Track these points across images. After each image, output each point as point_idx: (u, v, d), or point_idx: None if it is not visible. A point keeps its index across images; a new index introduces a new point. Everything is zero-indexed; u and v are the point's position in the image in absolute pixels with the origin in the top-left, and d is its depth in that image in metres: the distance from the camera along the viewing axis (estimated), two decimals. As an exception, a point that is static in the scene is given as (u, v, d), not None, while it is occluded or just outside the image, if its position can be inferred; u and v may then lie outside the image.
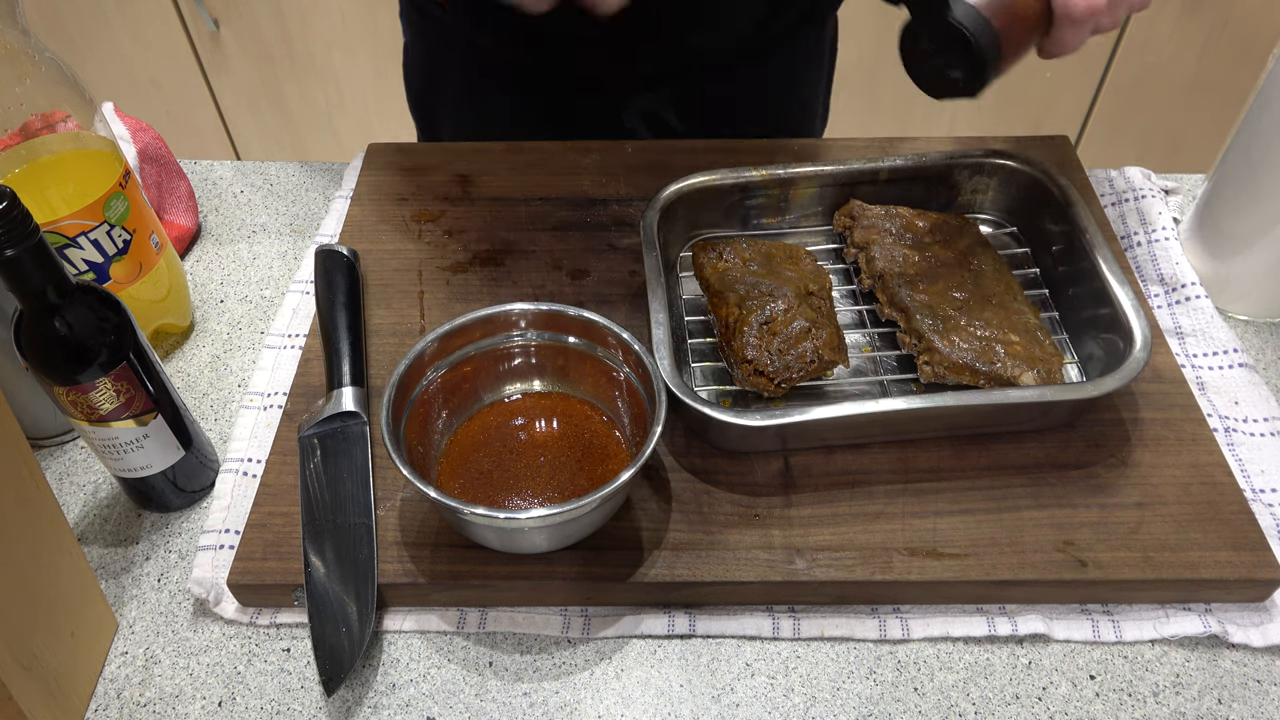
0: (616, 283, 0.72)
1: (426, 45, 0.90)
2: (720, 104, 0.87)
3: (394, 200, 0.79)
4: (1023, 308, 0.65)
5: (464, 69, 0.88)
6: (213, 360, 0.72)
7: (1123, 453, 0.60)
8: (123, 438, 0.56)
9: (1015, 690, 0.53)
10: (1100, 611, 0.56)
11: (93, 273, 0.65)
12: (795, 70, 0.91)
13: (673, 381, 0.57)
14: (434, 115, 0.95)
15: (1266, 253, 0.68)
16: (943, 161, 0.73)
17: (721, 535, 0.57)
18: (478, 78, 0.88)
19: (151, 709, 0.54)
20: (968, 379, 0.61)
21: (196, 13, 1.76)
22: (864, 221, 0.70)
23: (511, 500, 0.57)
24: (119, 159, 0.65)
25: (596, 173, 0.81)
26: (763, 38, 0.83)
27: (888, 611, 0.56)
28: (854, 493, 0.59)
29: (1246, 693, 0.53)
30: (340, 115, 1.92)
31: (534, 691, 0.54)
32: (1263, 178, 0.66)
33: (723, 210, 0.74)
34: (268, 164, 0.89)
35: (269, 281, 0.78)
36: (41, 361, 0.52)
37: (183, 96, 1.90)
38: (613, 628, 0.56)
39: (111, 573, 0.60)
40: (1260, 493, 0.60)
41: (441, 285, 0.73)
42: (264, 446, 0.64)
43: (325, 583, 0.55)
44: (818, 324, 0.62)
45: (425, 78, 0.93)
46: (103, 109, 0.69)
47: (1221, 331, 0.68)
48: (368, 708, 0.53)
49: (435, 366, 0.59)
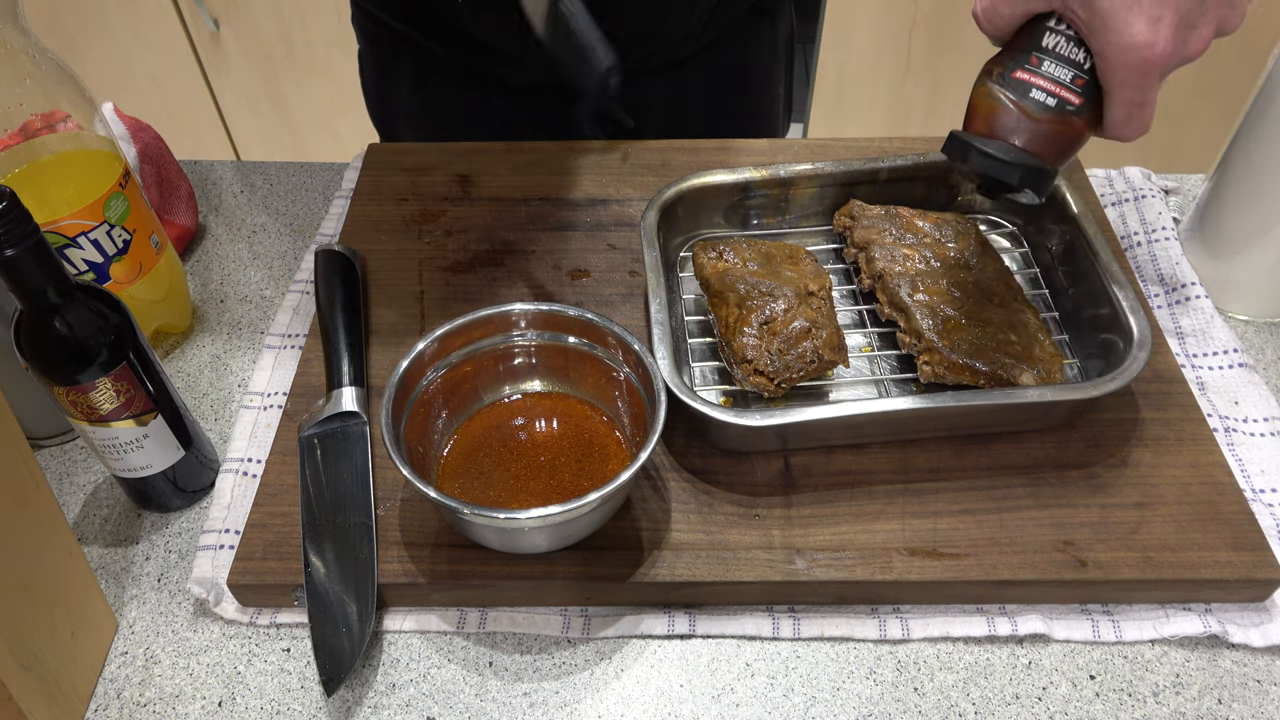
0: (616, 283, 0.72)
1: (379, 51, 0.91)
2: (672, 103, 0.87)
3: (394, 200, 0.79)
4: (1023, 308, 0.65)
5: (415, 74, 0.89)
6: (213, 360, 0.72)
7: (1123, 453, 0.60)
8: (123, 438, 0.56)
9: (1015, 690, 0.53)
10: (1100, 611, 0.56)
11: (93, 273, 0.65)
12: (748, 69, 0.91)
13: (673, 381, 0.57)
14: (392, 120, 0.95)
15: (1266, 253, 0.68)
16: (943, 161, 0.73)
17: (721, 535, 0.57)
18: (429, 82, 0.89)
19: (151, 709, 0.54)
20: (968, 379, 0.61)
21: (196, 13, 1.76)
22: (864, 221, 0.70)
23: (511, 500, 0.57)
24: (119, 159, 0.65)
25: (596, 173, 0.81)
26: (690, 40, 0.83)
27: (888, 611, 0.56)
28: (854, 493, 0.59)
29: (1246, 693, 0.53)
30: (340, 115, 1.92)
31: (534, 691, 0.54)
32: (1263, 178, 0.66)
33: (723, 210, 0.74)
34: (268, 164, 0.89)
35: (269, 281, 0.78)
36: (41, 361, 0.52)
37: (183, 96, 1.90)
38: (613, 628, 0.56)
39: (111, 573, 0.60)
40: (1260, 493, 0.60)
41: (441, 285, 0.73)
42: (264, 446, 0.64)
43: (325, 583, 0.55)
44: (818, 324, 0.62)
45: (379, 83, 0.94)
46: (103, 109, 0.68)
47: (1221, 331, 0.68)
48: (368, 708, 0.53)
49: (435, 366, 0.59)
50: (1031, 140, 0.51)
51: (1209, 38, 0.48)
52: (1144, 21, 0.46)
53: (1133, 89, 0.49)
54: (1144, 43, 0.47)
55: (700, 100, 0.89)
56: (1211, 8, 0.47)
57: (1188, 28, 0.47)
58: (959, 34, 1.71)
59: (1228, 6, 0.48)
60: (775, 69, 0.95)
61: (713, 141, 0.83)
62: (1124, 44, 0.47)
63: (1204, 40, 0.48)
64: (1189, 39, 0.47)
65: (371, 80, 0.95)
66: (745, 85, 0.92)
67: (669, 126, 0.87)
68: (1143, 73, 0.48)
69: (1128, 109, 0.50)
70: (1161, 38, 0.47)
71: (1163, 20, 0.46)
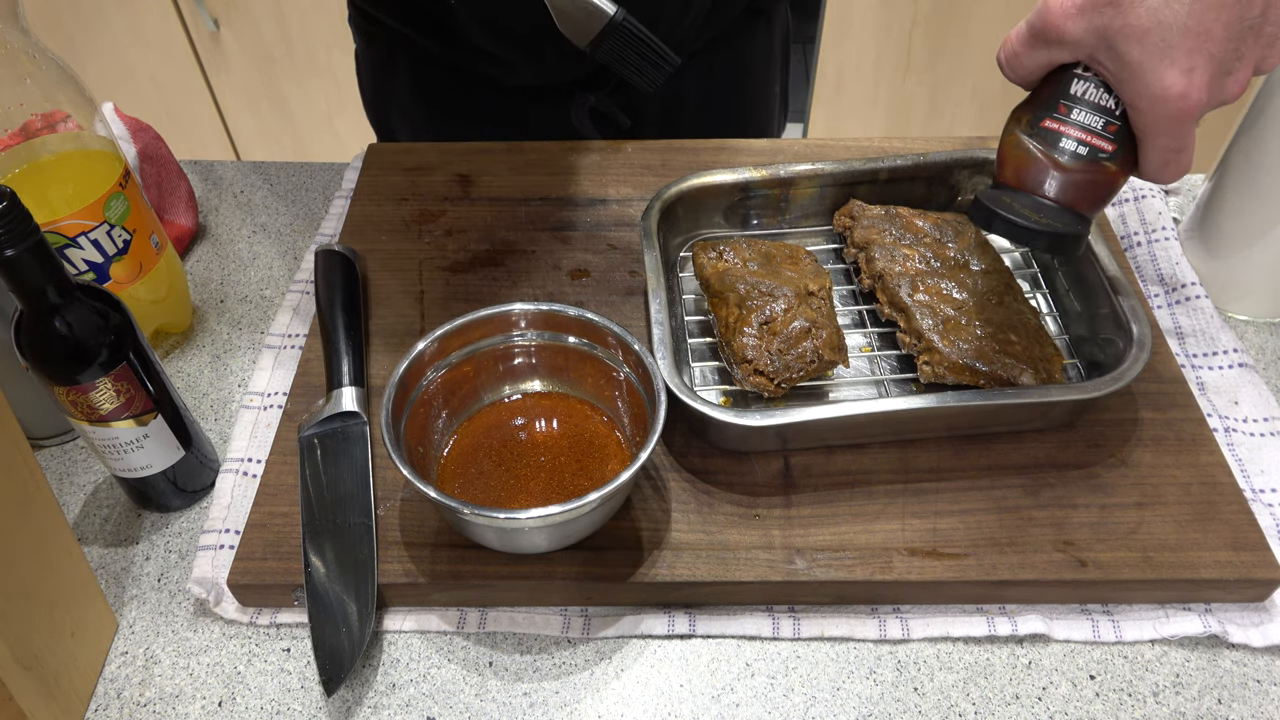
0: (616, 283, 0.72)
1: (375, 50, 0.91)
2: (667, 102, 0.87)
3: (394, 200, 0.79)
4: (1023, 308, 0.65)
5: (411, 73, 0.89)
6: (213, 360, 0.72)
7: (1123, 453, 0.60)
8: (123, 438, 0.56)
9: (1015, 690, 0.53)
10: (1100, 611, 0.56)
11: (93, 273, 0.65)
12: (744, 68, 0.91)
13: (673, 381, 0.57)
14: (388, 119, 0.95)
15: (1266, 253, 0.68)
16: (943, 161, 0.73)
17: (721, 535, 0.57)
18: (425, 81, 0.89)
19: (151, 709, 0.54)
20: (968, 379, 0.61)
21: (196, 12, 1.76)
22: (864, 221, 0.70)
23: (511, 500, 0.57)
24: (119, 159, 0.65)
25: (596, 173, 0.81)
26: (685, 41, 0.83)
27: (888, 611, 0.56)
28: (854, 493, 0.59)
29: (1246, 693, 0.53)
30: (340, 115, 1.92)
31: (534, 691, 0.54)
32: (1263, 178, 0.66)
33: (723, 210, 0.74)
34: (268, 164, 0.89)
35: (269, 281, 0.78)
36: (41, 361, 0.52)
37: (183, 96, 1.90)
38: (613, 628, 0.56)
39: (111, 573, 0.60)
40: (1260, 493, 0.60)
41: (441, 285, 0.73)
42: (264, 446, 0.64)
43: (325, 583, 0.55)
44: (818, 324, 0.62)
45: (376, 82, 0.94)
46: (103, 109, 0.68)
47: (1221, 331, 0.68)
48: (368, 708, 0.53)
49: (435, 366, 0.59)
50: (1063, 191, 0.49)
51: (1246, 80, 0.46)
52: (1176, 73, 0.44)
53: (1168, 137, 0.47)
54: (1178, 95, 0.45)
55: (696, 100, 0.89)
56: (1249, 50, 0.45)
57: (1223, 75, 0.45)
58: (959, 34, 1.71)
59: (1266, 46, 0.45)
60: (771, 69, 0.95)
61: (713, 141, 0.83)
62: (1157, 95, 0.45)
63: (1240, 84, 0.46)
64: (1225, 85, 0.45)
65: (368, 78, 0.95)
66: (741, 85, 0.93)
67: (664, 126, 0.87)
68: (1178, 122, 0.46)
69: (1164, 155, 0.48)
70: (1196, 88, 0.44)
71: (1196, 70, 0.44)
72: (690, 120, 0.90)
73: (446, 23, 0.80)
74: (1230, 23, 0.44)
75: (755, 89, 0.95)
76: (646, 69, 0.65)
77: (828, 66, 1.77)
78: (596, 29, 0.63)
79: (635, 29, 0.63)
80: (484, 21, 0.78)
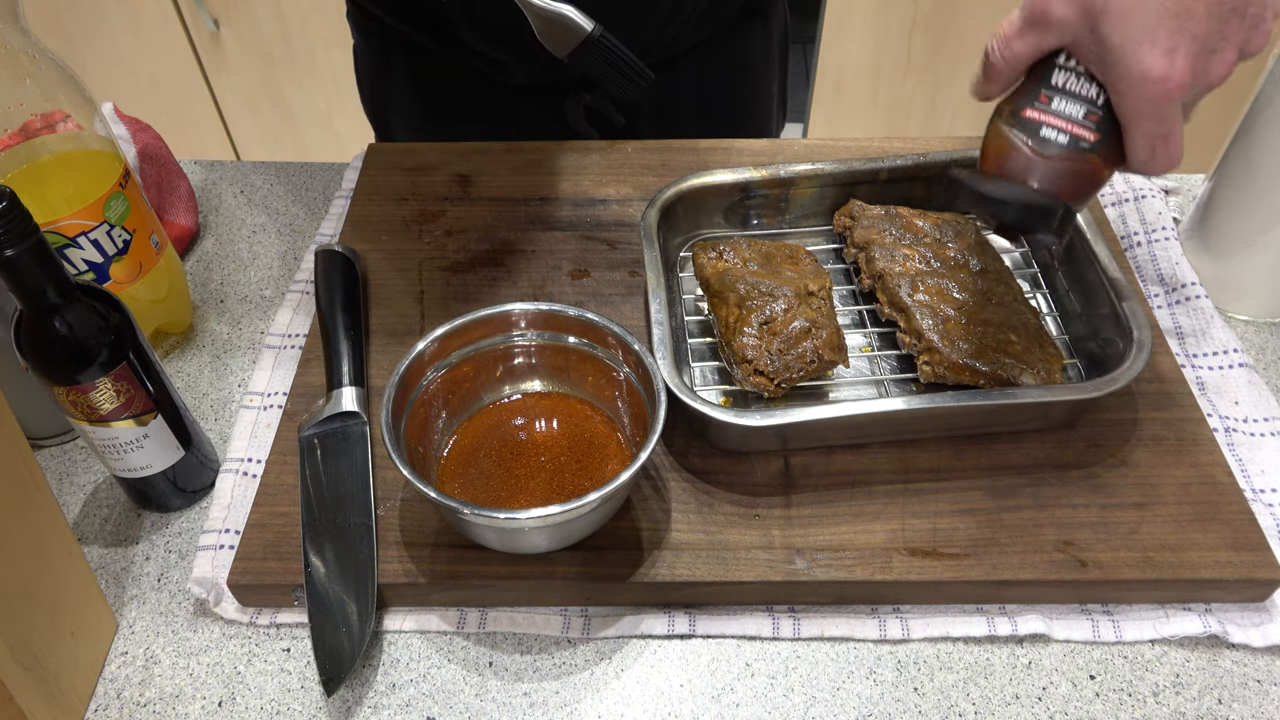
0: (616, 283, 0.72)
1: (372, 46, 0.91)
2: (662, 101, 0.87)
3: (394, 200, 0.79)
4: (1023, 308, 0.65)
5: (408, 68, 0.89)
6: (213, 360, 0.72)
7: (1123, 453, 0.60)
8: (123, 438, 0.56)
9: (1015, 690, 0.53)
10: (1100, 611, 0.56)
11: (93, 273, 0.65)
12: (741, 67, 0.91)
13: (673, 381, 0.57)
14: (386, 116, 0.96)
15: (1266, 253, 0.68)
16: (943, 161, 0.73)
17: (721, 535, 0.57)
18: (422, 78, 0.89)
19: (151, 709, 0.54)
20: (968, 379, 0.61)
21: (196, 13, 1.76)
22: (864, 221, 0.70)
23: (511, 500, 0.57)
24: (119, 159, 0.65)
25: (596, 173, 0.81)
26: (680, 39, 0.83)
27: (888, 611, 0.56)
28: (854, 493, 0.59)
29: (1246, 693, 0.53)
30: (340, 115, 1.92)
31: (534, 691, 0.54)
32: (1262, 178, 0.66)
33: (723, 210, 0.74)
34: (268, 164, 0.89)
35: (269, 281, 0.78)
36: (41, 361, 0.52)
37: (183, 96, 1.90)
38: (613, 628, 0.56)
39: (111, 573, 0.60)
40: (1260, 493, 0.60)
41: (441, 285, 0.73)
42: (264, 446, 0.64)
43: (325, 583, 0.55)
44: (818, 324, 0.62)
45: (374, 79, 0.94)
46: (103, 109, 0.68)
47: (1221, 331, 0.68)
48: (368, 708, 0.53)
49: (435, 366, 0.59)
50: (1045, 179, 0.49)
51: (1232, 62, 0.46)
52: (1158, 54, 0.44)
53: (1152, 121, 0.47)
54: (1159, 76, 0.44)
55: (691, 99, 0.89)
56: (1232, 32, 0.45)
57: (1207, 54, 0.45)
58: (959, 34, 1.71)
59: (1250, 28, 0.45)
60: (768, 68, 0.95)
61: (712, 141, 0.83)
62: (1137, 77, 0.45)
63: (1227, 65, 0.45)
64: (1209, 66, 0.45)
65: (365, 73, 0.95)
66: (737, 84, 0.92)
67: (660, 124, 0.87)
68: (1160, 105, 0.45)
69: (1149, 142, 0.47)
70: (1178, 69, 0.44)
71: (1178, 50, 0.44)
72: (687, 119, 0.90)
73: (440, 21, 0.80)
74: (1212, 3, 0.44)
75: (753, 88, 0.95)
76: (621, 81, 0.68)
77: (827, 66, 1.77)
78: (574, 43, 0.65)
79: (611, 45, 0.66)
80: (475, 20, 0.78)
